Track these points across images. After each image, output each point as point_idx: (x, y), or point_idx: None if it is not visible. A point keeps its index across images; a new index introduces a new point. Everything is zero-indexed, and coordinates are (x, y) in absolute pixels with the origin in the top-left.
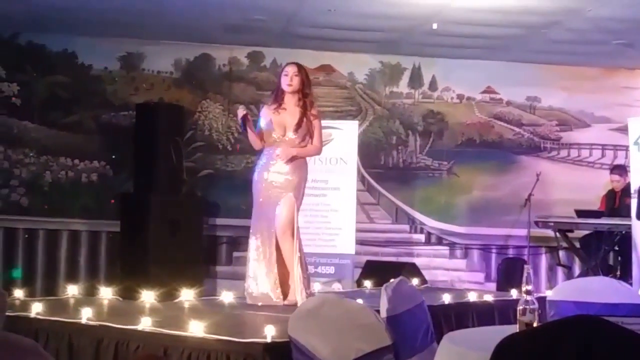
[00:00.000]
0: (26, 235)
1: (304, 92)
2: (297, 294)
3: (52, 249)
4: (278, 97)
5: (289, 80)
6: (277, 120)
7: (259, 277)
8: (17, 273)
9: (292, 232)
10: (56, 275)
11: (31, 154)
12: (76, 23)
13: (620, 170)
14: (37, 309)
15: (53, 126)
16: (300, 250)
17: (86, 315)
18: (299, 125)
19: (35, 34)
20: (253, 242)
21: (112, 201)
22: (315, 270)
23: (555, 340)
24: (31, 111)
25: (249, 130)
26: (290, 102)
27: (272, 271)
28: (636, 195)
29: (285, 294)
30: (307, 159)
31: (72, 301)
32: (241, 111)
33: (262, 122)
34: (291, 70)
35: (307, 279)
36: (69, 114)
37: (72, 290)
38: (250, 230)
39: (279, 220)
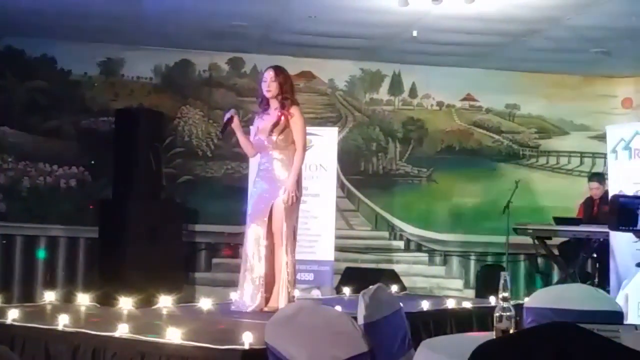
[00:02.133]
0: (4, 241)
1: (284, 96)
2: (281, 300)
3: (29, 255)
4: (263, 103)
5: (267, 87)
6: (262, 126)
7: (245, 284)
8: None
9: (281, 239)
10: (33, 282)
11: (9, 160)
12: (55, 28)
13: (599, 177)
14: (13, 315)
15: (32, 131)
16: (290, 256)
17: (63, 322)
18: (275, 125)
19: (15, 38)
20: (245, 250)
21: (91, 207)
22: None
23: (531, 347)
24: (10, 116)
25: (239, 135)
26: (273, 107)
27: (256, 277)
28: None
29: (266, 300)
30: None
31: (49, 308)
32: (231, 112)
33: (252, 133)
34: (268, 75)
35: (292, 285)
36: (48, 120)
37: (50, 297)
38: (245, 238)
39: (273, 226)
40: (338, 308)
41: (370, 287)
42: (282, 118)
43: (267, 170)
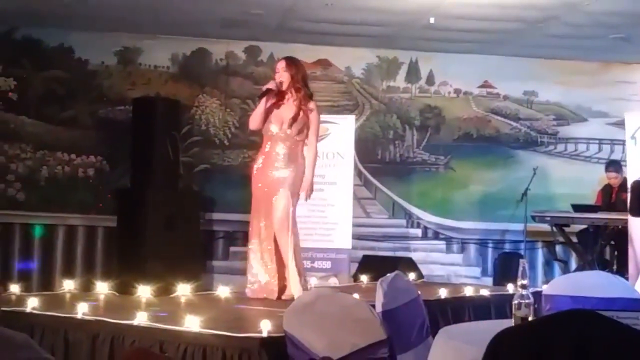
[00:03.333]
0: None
1: (295, 87)
2: (294, 289)
3: (48, 244)
4: (279, 92)
5: (279, 77)
6: (276, 114)
7: (258, 272)
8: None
9: (287, 226)
10: (52, 270)
11: (28, 149)
12: (73, 18)
13: (616, 166)
14: (32, 304)
15: (50, 121)
16: (296, 244)
17: (82, 310)
18: (294, 119)
19: (32, 28)
20: (252, 237)
21: (109, 196)
22: (311, 265)
23: (550, 334)
24: (28, 106)
25: (261, 106)
26: (288, 97)
27: (269, 266)
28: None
29: (282, 289)
30: (303, 152)
31: (68, 296)
32: (273, 85)
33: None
34: (280, 66)
35: (302, 273)
36: (65, 109)
37: (69, 285)
38: (249, 226)
39: (275, 216)
40: (356, 296)
41: (388, 275)
42: (302, 113)
43: (278, 160)
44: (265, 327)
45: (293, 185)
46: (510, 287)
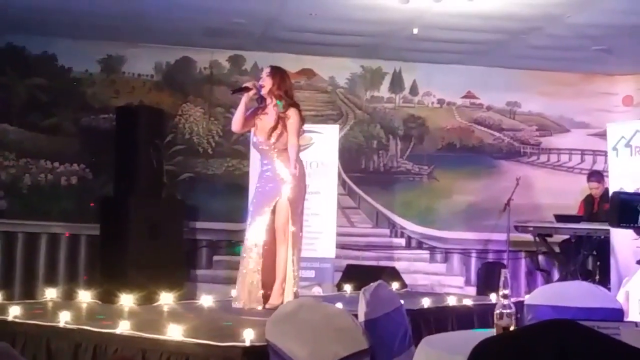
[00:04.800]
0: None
1: (276, 94)
2: (288, 297)
3: (31, 252)
4: (260, 100)
5: (261, 82)
6: (259, 125)
7: (243, 280)
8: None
9: (284, 237)
10: (35, 279)
11: (10, 157)
12: (56, 25)
13: (598, 176)
14: (15, 312)
15: (33, 129)
16: (296, 255)
17: (64, 318)
18: (273, 129)
19: (15, 35)
20: (244, 247)
21: (92, 204)
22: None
23: (531, 344)
24: (10, 113)
25: (241, 106)
26: (269, 105)
27: (255, 275)
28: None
29: (266, 298)
30: (302, 162)
31: (50, 305)
32: (252, 84)
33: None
34: (264, 71)
35: (297, 283)
36: (48, 117)
37: (51, 294)
38: (245, 235)
39: (274, 226)
40: (339, 305)
41: (371, 284)
42: (280, 122)
43: (270, 171)
44: (248, 337)
45: (292, 194)
46: (493, 297)
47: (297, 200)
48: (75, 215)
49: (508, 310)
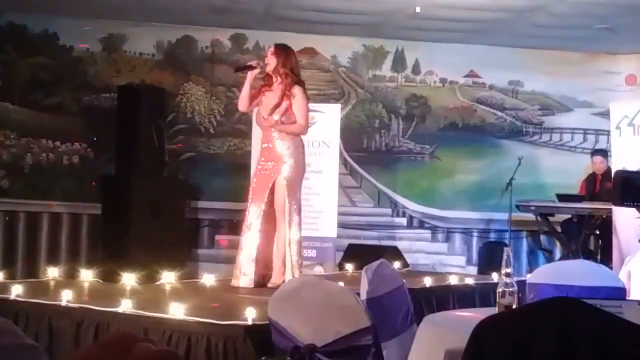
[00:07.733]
0: (7, 218)
1: (281, 72)
2: (288, 276)
3: (32, 231)
4: (266, 76)
5: (266, 60)
6: (264, 102)
7: (245, 260)
8: None
9: (283, 216)
10: (37, 258)
11: (12, 136)
12: (57, 3)
13: (603, 153)
14: (17, 291)
15: (34, 108)
16: (296, 233)
17: (66, 297)
18: (276, 105)
19: (16, 14)
20: (244, 227)
21: (94, 183)
22: None
23: (533, 322)
24: (12, 92)
25: (246, 84)
26: (275, 83)
27: (257, 253)
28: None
29: (267, 278)
30: (302, 142)
31: (52, 283)
32: (256, 62)
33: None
34: (270, 49)
35: (299, 263)
36: (50, 96)
37: (53, 273)
38: (245, 215)
39: (276, 205)
40: (341, 284)
41: (373, 263)
42: (285, 99)
43: (269, 149)
44: (250, 315)
45: (290, 173)
46: (494, 276)
47: (295, 180)
48: (76, 195)
49: (510, 289)
